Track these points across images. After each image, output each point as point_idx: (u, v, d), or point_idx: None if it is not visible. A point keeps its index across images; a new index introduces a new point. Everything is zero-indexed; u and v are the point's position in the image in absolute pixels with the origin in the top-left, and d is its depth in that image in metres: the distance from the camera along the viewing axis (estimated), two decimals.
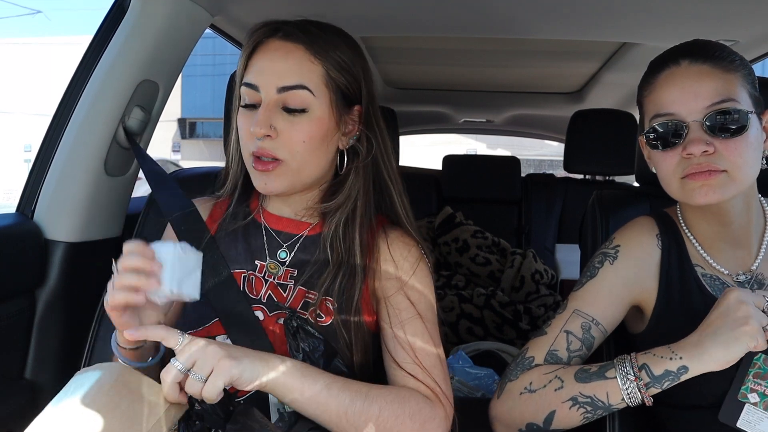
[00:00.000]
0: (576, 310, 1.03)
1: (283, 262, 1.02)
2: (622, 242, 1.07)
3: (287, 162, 0.96)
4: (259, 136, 0.94)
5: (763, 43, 1.72)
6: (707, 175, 0.94)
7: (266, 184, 0.97)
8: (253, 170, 0.98)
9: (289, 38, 0.97)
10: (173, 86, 1.45)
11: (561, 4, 1.52)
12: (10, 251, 1.22)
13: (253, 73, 0.97)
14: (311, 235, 1.04)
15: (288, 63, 0.96)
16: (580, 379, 0.92)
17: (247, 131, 0.97)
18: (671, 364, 0.87)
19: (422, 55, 2.41)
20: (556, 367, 0.97)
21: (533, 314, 2.33)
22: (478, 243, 2.60)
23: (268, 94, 0.96)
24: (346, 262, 0.99)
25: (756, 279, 1.03)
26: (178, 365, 0.80)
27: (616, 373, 0.90)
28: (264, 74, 0.96)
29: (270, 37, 0.98)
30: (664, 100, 0.97)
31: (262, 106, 0.96)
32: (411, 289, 1.00)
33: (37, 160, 1.34)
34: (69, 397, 0.81)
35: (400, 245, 1.03)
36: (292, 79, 0.95)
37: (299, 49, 0.97)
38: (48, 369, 1.30)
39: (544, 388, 0.94)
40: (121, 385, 0.81)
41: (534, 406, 0.93)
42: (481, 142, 15.64)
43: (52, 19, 72.94)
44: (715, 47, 0.98)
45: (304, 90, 0.96)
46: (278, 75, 0.96)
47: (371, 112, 1.04)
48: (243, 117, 0.99)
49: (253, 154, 0.97)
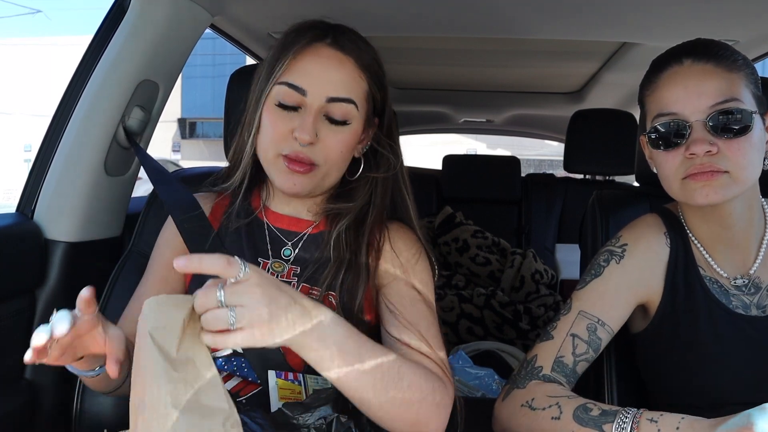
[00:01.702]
0: (581, 312, 1.01)
1: (287, 260, 1.03)
2: (630, 241, 1.06)
3: (320, 167, 0.97)
4: (304, 142, 0.94)
5: (763, 43, 1.72)
6: (709, 176, 0.93)
7: (295, 185, 0.97)
8: (282, 169, 0.96)
9: (340, 47, 0.97)
10: (173, 86, 1.45)
11: (561, 4, 1.52)
12: (10, 251, 1.22)
13: (300, 75, 0.94)
14: (314, 233, 1.05)
15: (340, 74, 0.96)
16: (578, 419, 0.87)
17: (282, 133, 0.95)
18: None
19: (422, 55, 2.41)
20: (559, 390, 0.94)
21: (533, 314, 2.33)
22: (478, 243, 2.60)
23: (316, 100, 0.94)
24: (350, 261, 1.00)
25: (753, 282, 1.02)
26: (220, 296, 0.70)
27: (613, 430, 0.83)
28: (314, 79, 0.94)
29: (319, 41, 0.96)
30: (667, 100, 0.97)
31: (307, 112, 0.94)
32: (414, 279, 1.01)
33: (37, 160, 1.34)
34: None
35: (402, 239, 1.05)
36: (342, 91, 0.95)
37: (350, 61, 0.97)
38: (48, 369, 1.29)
39: (543, 411, 0.91)
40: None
41: (529, 424, 0.92)
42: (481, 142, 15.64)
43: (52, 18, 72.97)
44: (718, 46, 0.98)
45: (351, 104, 0.96)
46: (330, 83, 0.95)
47: (391, 125, 1.06)
48: (277, 117, 0.96)
49: (286, 156, 0.95)
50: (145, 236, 1.26)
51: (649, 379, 1.11)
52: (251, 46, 1.88)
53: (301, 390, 0.90)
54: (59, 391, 1.29)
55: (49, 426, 1.28)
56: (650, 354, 1.10)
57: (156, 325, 0.70)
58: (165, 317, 0.71)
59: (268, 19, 1.63)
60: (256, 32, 1.74)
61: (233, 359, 0.97)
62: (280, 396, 0.88)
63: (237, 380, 0.97)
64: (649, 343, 1.09)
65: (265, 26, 1.69)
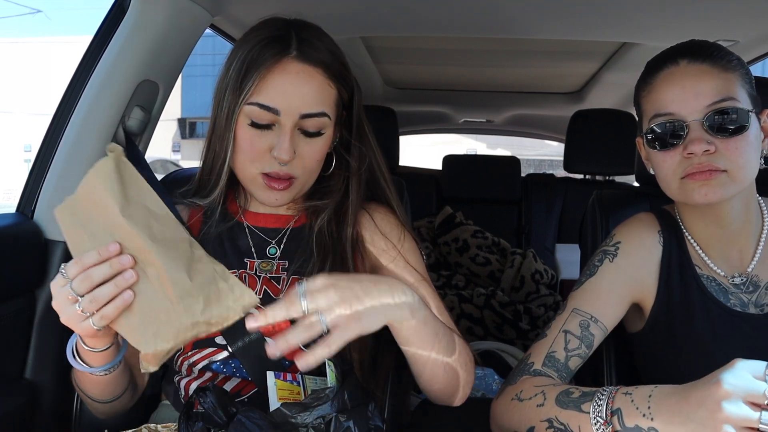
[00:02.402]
0: (575, 309, 1.02)
1: (274, 257, 1.04)
2: (622, 239, 1.07)
3: (298, 179, 0.98)
4: (284, 162, 0.94)
5: (763, 43, 1.72)
6: (707, 175, 0.93)
7: (277, 199, 0.99)
8: (262, 186, 0.97)
9: (307, 60, 0.94)
10: (173, 86, 1.45)
11: (561, 4, 1.52)
12: (10, 251, 1.22)
13: (271, 95, 0.93)
14: (296, 227, 1.07)
15: (311, 88, 0.95)
16: (560, 402, 0.87)
17: (259, 151, 0.95)
18: (643, 421, 0.77)
19: (422, 55, 2.41)
20: (547, 381, 0.95)
21: (533, 314, 2.33)
22: (478, 243, 2.60)
23: (289, 118, 0.94)
24: (334, 251, 1.01)
25: (751, 281, 1.02)
26: (304, 307, 0.75)
27: (591, 408, 0.83)
28: (286, 98, 0.93)
29: (284, 55, 0.94)
30: (663, 100, 0.97)
31: (282, 131, 0.94)
32: (407, 255, 1.04)
33: (37, 160, 1.34)
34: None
35: (385, 220, 1.07)
36: (315, 105, 0.95)
37: (318, 72, 0.95)
38: (48, 369, 1.30)
39: (529, 400, 0.91)
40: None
41: (519, 416, 0.92)
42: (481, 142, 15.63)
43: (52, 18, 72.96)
44: (712, 47, 0.98)
45: (324, 117, 0.96)
46: (301, 100, 0.94)
47: (360, 120, 1.06)
48: (252, 135, 0.95)
49: (266, 174, 0.96)
50: None
51: (647, 379, 1.12)
52: None
53: (300, 390, 0.90)
54: (59, 391, 1.29)
55: (49, 426, 1.28)
56: (648, 354, 1.10)
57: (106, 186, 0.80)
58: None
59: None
60: None
61: (230, 361, 0.98)
62: (279, 396, 0.88)
63: (236, 380, 0.97)
64: (646, 343, 1.09)
65: None
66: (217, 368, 0.98)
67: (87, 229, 0.80)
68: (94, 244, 0.79)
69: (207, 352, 0.98)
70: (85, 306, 0.78)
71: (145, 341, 0.79)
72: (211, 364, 0.98)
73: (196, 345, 0.98)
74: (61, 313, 0.79)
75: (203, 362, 0.98)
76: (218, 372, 0.98)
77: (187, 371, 1.00)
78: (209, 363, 0.98)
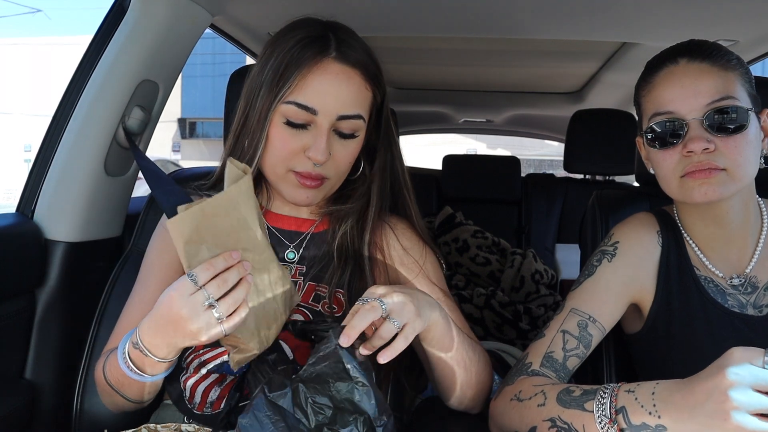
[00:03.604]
0: (573, 309, 1.02)
1: (292, 262, 1.04)
2: (621, 239, 1.07)
3: (330, 179, 0.99)
4: (319, 163, 0.94)
5: (763, 43, 1.72)
6: (707, 173, 0.93)
7: (307, 197, 0.99)
8: (294, 183, 0.97)
9: (346, 61, 0.95)
10: (173, 86, 1.45)
11: (561, 4, 1.52)
12: (10, 251, 1.22)
13: (309, 95, 0.93)
14: (317, 232, 1.06)
15: (349, 90, 0.95)
16: (562, 401, 0.86)
17: (293, 150, 0.95)
18: (650, 419, 0.77)
19: (422, 55, 2.41)
20: (546, 380, 0.95)
21: (533, 314, 2.33)
22: (478, 243, 2.60)
23: (326, 119, 0.94)
24: (355, 259, 1.02)
25: (749, 282, 1.02)
26: (384, 306, 0.81)
27: (594, 407, 0.82)
28: (324, 98, 0.93)
29: (325, 56, 0.94)
30: (663, 99, 0.97)
31: (319, 131, 0.94)
32: (429, 271, 1.05)
33: (37, 160, 1.34)
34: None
35: (406, 235, 1.07)
36: (352, 107, 0.95)
37: (357, 74, 0.96)
38: (48, 369, 1.30)
39: (529, 400, 0.91)
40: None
41: (519, 417, 0.92)
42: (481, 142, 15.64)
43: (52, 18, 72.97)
44: (712, 46, 0.99)
45: (360, 119, 0.97)
46: (339, 101, 0.94)
47: (388, 123, 1.06)
48: (287, 135, 0.95)
49: (298, 172, 0.96)
50: (145, 236, 1.26)
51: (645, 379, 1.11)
52: (251, 46, 1.88)
53: None
54: (59, 391, 1.29)
55: (49, 426, 1.28)
56: (647, 355, 1.10)
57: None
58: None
59: (268, 18, 1.62)
60: (256, 32, 1.74)
61: None
62: None
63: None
64: (645, 344, 1.09)
65: (264, 26, 1.69)
66: (227, 369, 0.98)
67: (206, 240, 0.80)
68: (211, 254, 0.80)
69: (219, 351, 0.97)
70: (224, 310, 0.78)
71: (258, 341, 0.86)
72: (222, 363, 0.97)
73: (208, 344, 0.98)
74: (194, 321, 0.77)
75: (215, 361, 0.98)
76: (227, 373, 0.98)
77: (195, 370, 0.99)
78: (220, 362, 0.97)
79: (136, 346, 0.84)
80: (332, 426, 0.75)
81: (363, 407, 0.76)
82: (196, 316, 0.77)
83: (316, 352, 0.79)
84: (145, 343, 0.84)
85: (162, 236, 1.08)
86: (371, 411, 0.76)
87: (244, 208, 0.83)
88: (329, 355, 0.78)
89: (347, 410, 0.76)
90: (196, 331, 0.78)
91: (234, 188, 0.82)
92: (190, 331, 0.78)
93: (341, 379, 0.77)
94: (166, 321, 0.80)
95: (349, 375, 0.77)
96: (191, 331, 0.78)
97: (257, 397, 0.76)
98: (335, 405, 0.77)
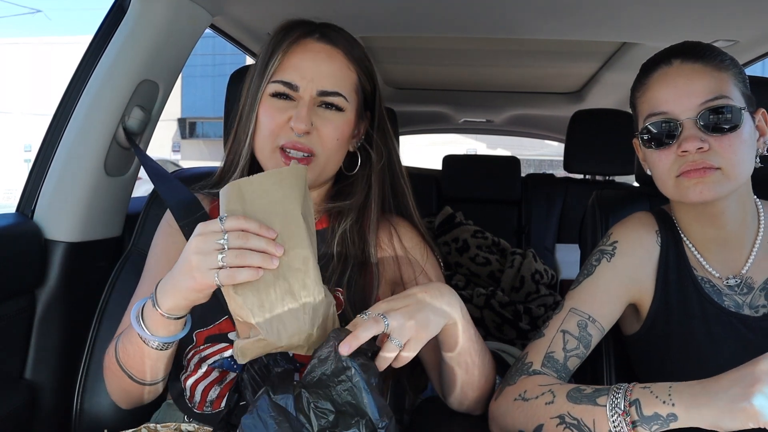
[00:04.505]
0: (572, 309, 1.02)
1: None
2: (620, 238, 1.07)
3: (318, 157, 0.99)
4: (301, 132, 0.96)
5: (763, 43, 1.72)
6: (702, 173, 0.94)
7: None
8: (280, 162, 0.98)
9: (328, 41, 1.00)
10: (173, 86, 1.45)
11: (561, 4, 1.52)
12: (10, 251, 1.22)
13: (290, 72, 0.97)
14: (317, 231, 1.05)
15: (330, 66, 0.99)
16: (572, 398, 0.87)
17: (279, 123, 0.97)
18: (663, 408, 0.78)
19: (422, 55, 2.41)
20: (552, 380, 0.95)
21: (533, 314, 2.32)
22: (478, 243, 2.60)
23: (308, 94, 0.97)
24: (356, 257, 1.02)
25: (745, 283, 1.02)
26: (387, 323, 0.81)
27: (607, 401, 0.82)
28: (304, 73, 0.97)
29: (307, 37, 0.99)
30: (657, 100, 0.98)
31: (301, 104, 0.97)
32: (430, 272, 1.06)
33: (37, 160, 1.34)
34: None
35: (408, 236, 1.08)
36: (333, 84, 0.99)
37: (339, 53, 1.00)
38: (48, 369, 1.30)
39: (536, 399, 0.91)
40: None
41: (524, 416, 0.92)
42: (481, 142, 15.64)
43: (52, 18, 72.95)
44: (705, 47, 0.99)
45: (340, 97, 0.99)
46: (320, 76, 0.98)
47: (382, 117, 1.09)
48: (272, 107, 0.98)
49: (282, 147, 0.97)
50: (145, 236, 1.26)
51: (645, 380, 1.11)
52: (251, 46, 1.88)
53: None
54: (59, 391, 1.29)
55: (49, 426, 1.28)
56: (645, 355, 1.10)
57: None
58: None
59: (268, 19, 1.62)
60: (256, 32, 1.74)
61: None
62: None
63: None
64: (644, 344, 1.09)
65: (264, 26, 1.69)
66: (227, 365, 0.98)
67: (246, 211, 0.80)
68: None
69: (219, 347, 0.98)
70: (229, 259, 0.76)
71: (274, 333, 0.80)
72: (222, 360, 0.98)
73: (209, 339, 0.98)
74: (197, 254, 0.78)
75: (214, 357, 0.98)
76: (228, 370, 0.98)
77: (195, 367, 0.99)
78: (220, 359, 0.98)
79: (150, 298, 0.85)
80: (334, 430, 0.76)
81: (364, 409, 0.76)
82: (203, 253, 0.77)
83: (316, 355, 0.79)
84: (157, 292, 0.84)
85: (166, 233, 1.08)
86: (372, 413, 0.76)
87: (290, 191, 0.82)
88: (329, 358, 0.78)
89: (349, 413, 0.77)
90: (194, 266, 0.77)
91: (286, 170, 0.83)
92: (189, 266, 0.78)
93: (342, 381, 0.77)
94: (182, 262, 0.80)
95: (350, 377, 0.77)
96: (191, 265, 0.78)
97: (261, 399, 0.77)
98: (337, 409, 0.77)
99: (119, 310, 1.05)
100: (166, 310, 0.84)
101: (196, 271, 0.78)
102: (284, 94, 0.98)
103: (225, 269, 0.77)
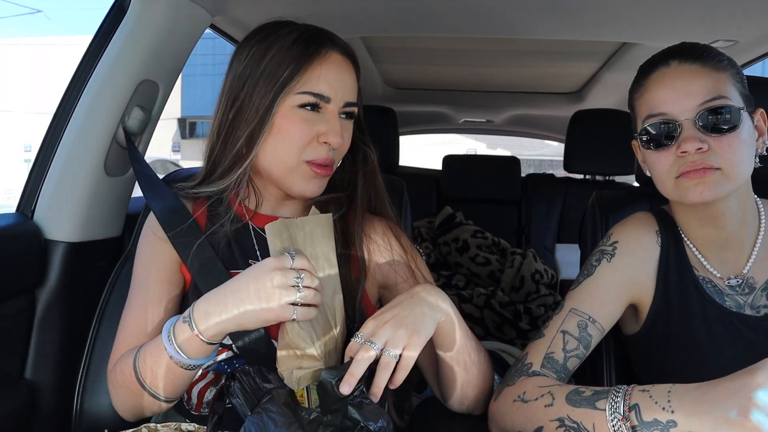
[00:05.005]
0: (572, 309, 1.02)
1: None
2: (620, 238, 1.07)
3: (334, 166, 1.02)
4: (337, 146, 0.98)
5: (763, 44, 1.72)
6: (702, 173, 0.94)
7: (318, 188, 1.01)
8: (308, 174, 0.98)
9: (347, 54, 1.02)
10: (173, 86, 1.45)
11: (561, 4, 1.52)
12: (10, 251, 1.22)
13: (322, 85, 0.97)
14: None
15: (351, 79, 1.02)
16: (572, 401, 0.86)
17: (309, 137, 0.97)
18: (662, 414, 0.77)
19: (422, 55, 2.41)
20: (552, 382, 0.94)
21: (533, 314, 2.33)
22: (478, 243, 2.60)
23: (337, 106, 0.99)
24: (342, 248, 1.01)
25: (747, 283, 1.02)
26: (376, 346, 0.83)
27: (607, 405, 0.82)
28: (336, 88, 0.98)
29: (333, 48, 0.99)
30: (655, 101, 0.98)
31: (333, 118, 0.98)
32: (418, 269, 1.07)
33: (37, 160, 1.34)
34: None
35: (393, 236, 1.09)
36: (354, 96, 1.02)
37: (352, 66, 1.02)
38: (48, 369, 1.30)
39: (535, 401, 0.91)
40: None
41: (524, 417, 0.91)
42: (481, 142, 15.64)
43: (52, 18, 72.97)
44: (703, 48, 0.99)
45: (356, 107, 1.03)
46: (346, 89, 1.00)
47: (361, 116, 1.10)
48: (301, 120, 0.96)
49: (311, 161, 0.98)
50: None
51: (645, 380, 1.11)
52: None
53: (304, 393, 0.90)
54: (59, 391, 1.29)
55: (49, 426, 1.28)
56: (645, 356, 1.10)
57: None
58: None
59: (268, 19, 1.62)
60: None
61: (235, 361, 0.98)
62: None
63: None
64: (644, 345, 1.09)
65: None
66: (221, 368, 0.98)
67: (296, 251, 0.88)
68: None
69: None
70: (308, 297, 0.82)
71: (322, 357, 0.88)
72: (216, 364, 0.98)
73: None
74: (281, 288, 0.81)
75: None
76: (222, 372, 0.98)
77: None
78: (214, 363, 0.98)
79: (185, 321, 0.86)
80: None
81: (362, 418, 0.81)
82: (284, 287, 0.81)
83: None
84: (198, 316, 0.85)
85: (151, 241, 1.05)
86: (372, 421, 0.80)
87: (324, 240, 0.91)
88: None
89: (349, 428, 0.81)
90: (276, 299, 0.81)
91: (314, 218, 0.91)
92: (269, 298, 0.81)
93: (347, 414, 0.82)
94: (254, 291, 0.82)
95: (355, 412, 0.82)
96: (272, 297, 0.81)
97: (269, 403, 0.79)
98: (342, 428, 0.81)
99: (119, 310, 1.05)
100: (210, 336, 0.85)
101: (276, 304, 0.81)
102: (314, 105, 0.97)
103: (300, 306, 0.82)
